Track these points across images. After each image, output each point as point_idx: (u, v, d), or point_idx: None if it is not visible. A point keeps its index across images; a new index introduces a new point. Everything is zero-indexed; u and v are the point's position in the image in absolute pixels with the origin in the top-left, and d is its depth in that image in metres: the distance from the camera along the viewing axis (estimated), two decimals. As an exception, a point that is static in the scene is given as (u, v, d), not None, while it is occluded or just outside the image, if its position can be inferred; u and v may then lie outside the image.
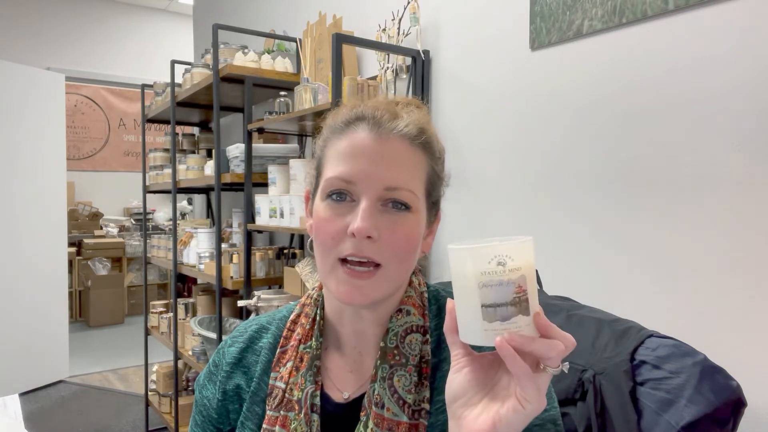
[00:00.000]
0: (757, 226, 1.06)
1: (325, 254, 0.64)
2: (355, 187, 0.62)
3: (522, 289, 0.50)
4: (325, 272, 0.64)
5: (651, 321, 1.01)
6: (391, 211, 0.63)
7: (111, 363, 4.32)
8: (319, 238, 0.64)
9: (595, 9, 1.32)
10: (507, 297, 0.49)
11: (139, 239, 5.92)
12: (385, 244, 0.62)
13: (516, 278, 0.49)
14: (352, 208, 0.63)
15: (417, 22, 1.78)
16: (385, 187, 0.62)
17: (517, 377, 0.50)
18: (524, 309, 0.50)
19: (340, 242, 0.62)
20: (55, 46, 5.69)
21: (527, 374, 0.49)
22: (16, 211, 3.61)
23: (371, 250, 0.61)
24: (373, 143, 0.63)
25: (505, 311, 0.50)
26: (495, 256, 0.49)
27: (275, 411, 0.69)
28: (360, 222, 0.60)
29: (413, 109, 0.68)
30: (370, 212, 0.61)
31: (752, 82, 1.06)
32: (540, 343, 0.50)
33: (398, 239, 0.63)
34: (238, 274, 2.18)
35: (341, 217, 0.63)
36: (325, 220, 0.63)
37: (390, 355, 0.67)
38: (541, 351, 0.50)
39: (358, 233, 0.60)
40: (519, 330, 0.50)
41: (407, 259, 0.65)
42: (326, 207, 0.64)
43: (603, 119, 1.32)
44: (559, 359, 0.51)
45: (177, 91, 2.70)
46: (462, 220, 1.72)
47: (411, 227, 0.64)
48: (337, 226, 0.62)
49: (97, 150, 6.22)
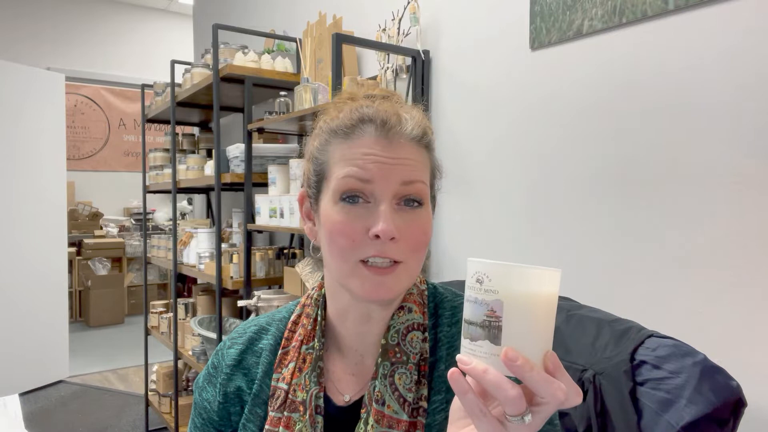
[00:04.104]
0: (757, 226, 1.06)
1: (345, 258, 0.63)
2: (371, 186, 0.62)
3: (494, 314, 0.46)
4: (345, 275, 0.64)
5: (651, 321, 1.01)
6: (405, 209, 0.64)
7: (111, 363, 4.32)
8: (337, 242, 0.63)
9: (595, 9, 1.32)
10: (478, 317, 0.47)
11: (139, 239, 5.92)
12: (405, 242, 0.63)
13: (490, 300, 0.47)
14: (368, 210, 0.63)
15: (417, 22, 1.78)
16: (401, 182, 0.63)
17: (471, 416, 0.47)
18: (493, 336, 0.46)
19: (361, 245, 0.62)
20: (55, 46, 5.69)
21: (476, 414, 0.47)
22: (16, 211, 3.61)
23: (394, 251, 0.62)
24: (384, 147, 0.64)
25: (474, 331, 0.47)
26: (476, 273, 0.48)
27: (278, 412, 0.69)
28: (384, 224, 0.60)
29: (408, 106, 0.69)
30: (391, 213, 0.62)
31: (752, 82, 1.06)
32: (490, 379, 0.45)
33: (417, 236, 0.64)
34: (238, 274, 2.18)
35: (358, 219, 0.62)
36: (341, 223, 0.63)
37: (391, 352, 0.67)
38: (490, 387, 0.45)
39: (383, 235, 0.60)
40: (484, 357, 0.46)
41: (423, 251, 0.66)
42: (340, 210, 0.63)
43: (603, 119, 1.32)
44: (514, 407, 0.45)
45: (177, 91, 2.70)
46: (462, 220, 1.72)
47: (425, 222, 0.65)
48: (355, 228, 0.62)
49: (97, 150, 6.22)
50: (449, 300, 0.74)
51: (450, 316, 0.72)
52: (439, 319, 0.72)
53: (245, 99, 2.19)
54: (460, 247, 1.73)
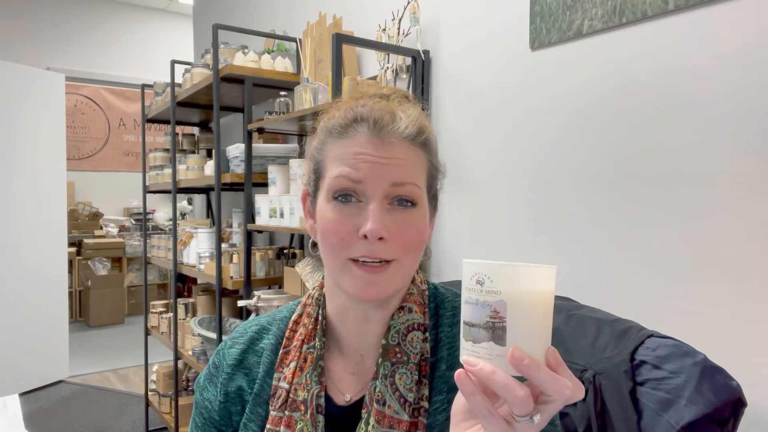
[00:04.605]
0: (757, 226, 1.06)
1: (335, 256, 0.64)
2: (363, 186, 0.63)
3: (498, 315, 0.46)
4: (336, 272, 0.65)
5: (651, 321, 1.01)
6: (398, 209, 0.64)
7: (111, 363, 4.32)
8: (328, 240, 0.64)
9: (595, 9, 1.32)
10: (480, 319, 0.47)
11: (139, 239, 5.92)
12: (395, 242, 0.63)
13: (492, 301, 0.46)
14: (360, 209, 0.63)
15: (417, 22, 1.78)
16: (391, 183, 0.63)
17: (479, 417, 0.47)
18: (498, 337, 0.46)
19: (351, 243, 0.62)
20: (55, 46, 5.68)
21: (484, 415, 0.47)
22: (16, 211, 3.61)
23: (383, 251, 0.62)
24: (376, 147, 0.64)
25: (477, 333, 0.47)
26: (475, 274, 0.48)
27: (279, 411, 0.69)
28: (371, 224, 0.61)
29: (407, 105, 0.69)
30: (380, 213, 0.62)
31: (753, 82, 1.06)
32: (498, 380, 0.45)
33: (408, 236, 0.63)
34: (238, 274, 2.18)
35: (349, 218, 0.63)
36: (333, 221, 0.63)
37: (392, 352, 0.67)
38: (498, 389, 0.45)
39: (371, 235, 0.60)
40: (489, 359, 0.46)
41: (417, 251, 0.66)
42: (333, 208, 0.64)
43: (603, 119, 1.32)
44: (523, 407, 0.45)
45: (177, 91, 2.70)
46: (462, 219, 1.72)
47: (418, 223, 0.65)
48: (346, 227, 0.63)
49: (97, 150, 6.22)
50: (450, 300, 0.74)
51: (451, 317, 0.72)
52: (440, 319, 0.72)
53: (245, 99, 2.19)
54: (460, 247, 1.73)
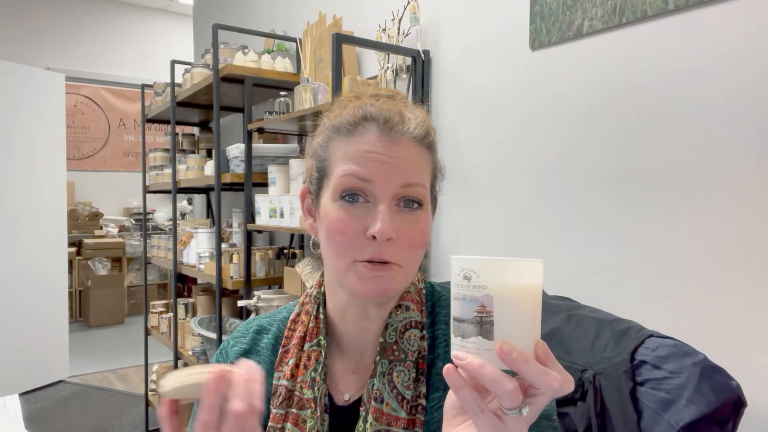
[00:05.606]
0: (757, 225, 1.06)
1: (341, 255, 0.64)
2: (371, 186, 0.62)
3: (485, 309, 0.47)
4: (341, 271, 0.64)
5: (651, 321, 1.01)
6: (404, 210, 0.64)
7: (111, 363, 4.32)
8: (335, 240, 0.63)
9: (595, 9, 1.32)
10: (468, 314, 0.47)
11: (139, 239, 5.92)
12: (402, 243, 0.63)
13: (479, 296, 0.47)
14: (368, 210, 0.63)
15: (417, 22, 1.78)
16: (401, 184, 0.63)
17: (469, 412, 0.48)
18: (486, 332, 0.47)
19: (358, 244, 0.62)
20: (55, 46, 5.69)
21: (474, 409, 0.47)
22: (16, 211, 3.61)
23: (390, 252, 0.62)
24: (386, 145, 0.63)
25: (465, 328, 0.48)
26: (462, 270, 0.48)
27: (279, 409, 0.69)
28: (381, 225, 0.60)
29: (413, 106, 0.69)
30: (389, 214, 0.62)
31: (753, 82, 1.06)
32: (486, 373, 0.45)
33: (414, 237, 0.64)
34: (238, 274, 2.18)
35: (357, 218, 0.62)
36: (339, 221, 0.63)
37: (389, 350, 0.67)
38: (487, 382, 0.45)
39: (380, 236, 0.60)
40: (478, 353, 0.47)
41: (421, 252, 0.66)
42: (339, 208, 0.63)
43: (603, 119, 1.32)
44: (511, 400, 0.45)
45: (177, 91, 2.70)
46: (461, 220, 1.72)
47: (424, 223, 0.65)
48: (353, 227, 0.62)
49: (97, 150, 6.22)
50: (446, 298, 0.74)
51: (447, 314, 0.72)
52: (437, 317, 0.73)
53: (245, 99, 2.19)
54: (459, 248, 1.73)
